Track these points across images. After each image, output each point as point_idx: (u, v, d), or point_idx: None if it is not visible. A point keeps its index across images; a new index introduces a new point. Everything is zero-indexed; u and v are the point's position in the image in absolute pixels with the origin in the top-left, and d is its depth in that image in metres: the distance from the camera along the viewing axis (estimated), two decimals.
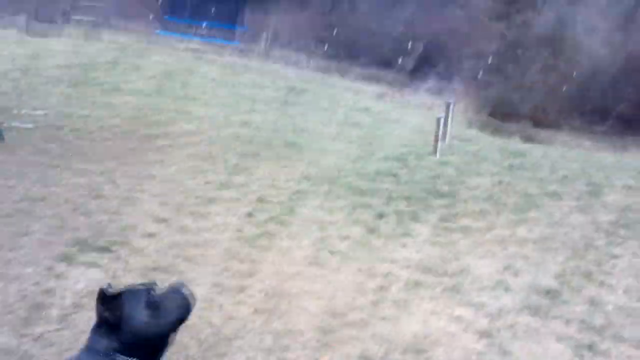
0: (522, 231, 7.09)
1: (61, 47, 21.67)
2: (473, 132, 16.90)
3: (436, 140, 12.31)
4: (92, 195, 7.02)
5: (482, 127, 17.28)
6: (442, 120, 12.27)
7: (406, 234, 6.74)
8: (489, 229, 7.07)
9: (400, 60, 22.47)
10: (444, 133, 12.43)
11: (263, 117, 15.99)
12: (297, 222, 6.82)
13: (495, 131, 17.26)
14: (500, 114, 17.62)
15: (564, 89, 17.95)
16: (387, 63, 23.35)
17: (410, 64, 22.61)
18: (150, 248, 5.69)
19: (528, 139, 16.74)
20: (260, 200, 7.52)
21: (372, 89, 21.83)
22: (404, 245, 6.43)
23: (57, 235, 5.67)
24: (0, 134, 9.47)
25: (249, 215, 6.93)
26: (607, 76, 19.35)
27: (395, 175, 9.39)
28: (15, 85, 16.04)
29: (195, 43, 24.78)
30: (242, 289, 5.07)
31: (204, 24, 24.60)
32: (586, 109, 18.52)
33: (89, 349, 2.21)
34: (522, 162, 12.08)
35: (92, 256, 5.29)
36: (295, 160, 10.33)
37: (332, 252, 6.01)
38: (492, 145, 14.71)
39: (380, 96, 20.95)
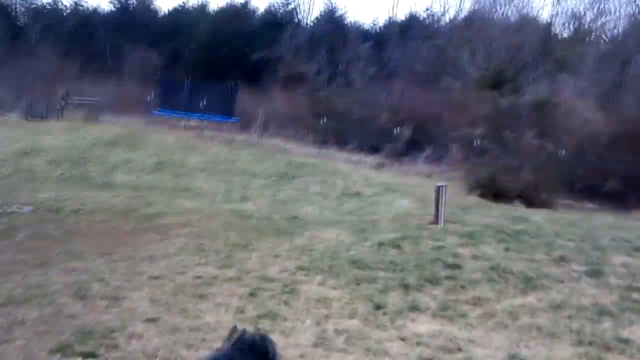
0: (532, 300, 6.84)
1: (59, 131, 21.88)
2: (474, 199, 16.81)
3: (437, 209, 12.20)
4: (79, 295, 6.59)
5: (482, 194, 17.18)
6: (442, 190, 12.18)
7: (414, 308, 6.49)
8: (498, 299, 6.82)
9: (396, 132, 22.59)
10: (443, 205, 12.29)
11: (263, 191, 15.93)
12: (299, 301, 6.57)
13: (495, 197, 17.16)
14: (491, 193, 17.47)
15: (553, 167, 17.89)
16: (383, 135, 23.45)
17: (404, 137, 22.73)
18: (141, 345, 5.42)
19: (529, 203, 16.61)
20: (261, 279, 7.30)
21: (370, 160, 21.89)
22: (412, 320, 6.16)
23: (39, 342, 5.09)
24: None
25: (251, 295, 6.69)
26: (594, 152, 19.46)
27: (398, 247, 9.18)
28: (16, 168, 16.08)
29: (193, 121, 25.05)
30: None
31: (195, 117, 24.86)
32: (575, 187, 18.44)
33: None
34: (526, 228, 11.89)
35: None
36: (295, 234, 10.16)
37: (337, 332, 5.74)
38: (493, 211, 14.57)
39: (379, 166, 20.98)
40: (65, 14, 39.97)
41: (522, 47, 26.03)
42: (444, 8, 45.88)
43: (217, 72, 29.64)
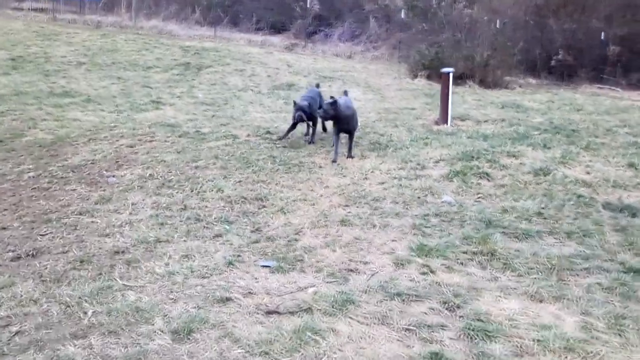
0: None
1: None
2: (421, 82, 13.56)
3: (445, 104, 8.74)
4: None
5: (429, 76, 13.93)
6: (450, 77, 8.65)
7: None
8: None
9: (301, 7, 17.94)
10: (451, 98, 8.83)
11: (172, 89, 11.35)
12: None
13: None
14: (438, 75, 13.90)
15: (491, 41, 14.63)
16: (284, 11, 18.70)
17: (312, 12, 18.24)
18: None
19: (482, 83, 13.71)
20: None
21: (277, 41, 17.50)
22: None
23: None
24: None
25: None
26: (534, 21, 16.60)
27: (486, 175, 5.70)
28: None
29: (41, 1, 18.61)
30: None
31: None
32: (515, 61, 15.47)
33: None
34: (552, 119, 8.95)
35: None
36: (306, 166, 6.26)
37: None
38: (467, 97, 11.42)
39: (290, 48, 16.73)
40: None
41: None
42: None
43: None
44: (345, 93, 7.07)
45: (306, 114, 6.92)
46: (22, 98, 9.88)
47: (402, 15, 15.83)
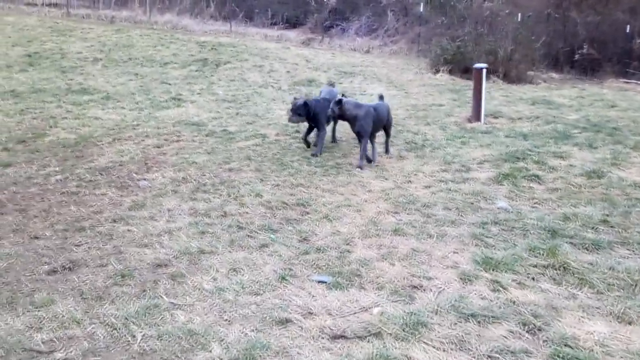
0: None
1: None
2: (444, 77, 13.20)
3: (478, 101, 8.41)
4: None
5: (450, 71, 13.56)
6: (483, 73, 8.29)
7: None
8: None
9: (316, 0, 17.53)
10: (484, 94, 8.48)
11: (190, 86, 11.03)
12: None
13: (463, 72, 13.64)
14: (460, 69, 13.33)
15: (514, 35, 14.10)
16: (299, 4, 18.26)
17: (329, 6, 17.81)
18: None
19: (505, 77, 13.32)
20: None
21: (293, 35, 17.14)
22: None
23: None
24: None
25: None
26: (557, 14, 16.13)
27: (536, 178, 5.37)
28: None
29: None
30: None
31: None
32: (538, 56, 14.92)
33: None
34: (588, 116, 8.59)
35: None
36: (343, 168, 5.95)
37: None
38: (495, 93, 11.06)
39: (306, 43, 16.37)
40: None
41: None
42: None
43: None
44: (381, 98, 6.61)
45: (300, 109, 6.39)
46: (40, 95, 9.64)
47: (421, 8, 15.41)
